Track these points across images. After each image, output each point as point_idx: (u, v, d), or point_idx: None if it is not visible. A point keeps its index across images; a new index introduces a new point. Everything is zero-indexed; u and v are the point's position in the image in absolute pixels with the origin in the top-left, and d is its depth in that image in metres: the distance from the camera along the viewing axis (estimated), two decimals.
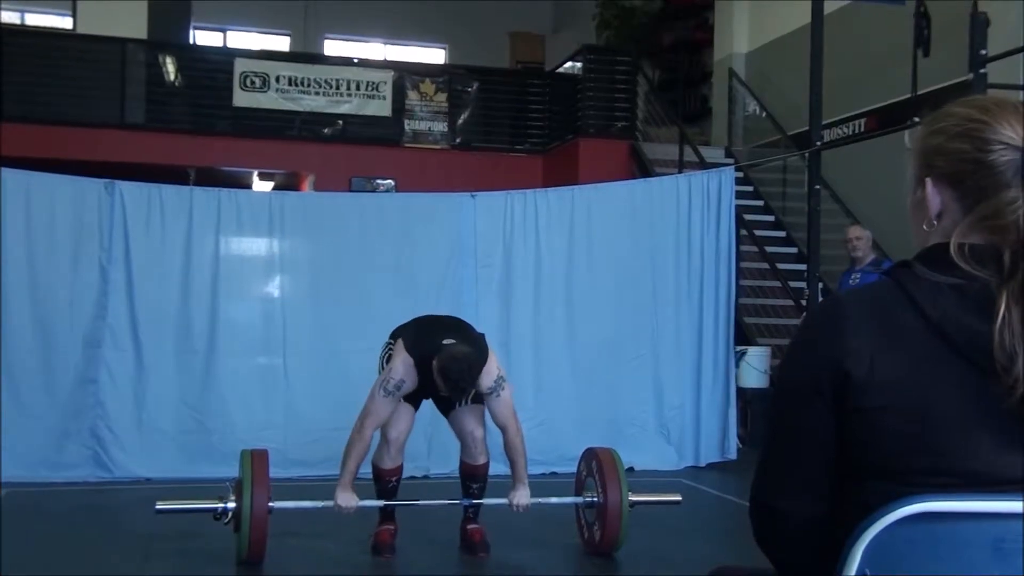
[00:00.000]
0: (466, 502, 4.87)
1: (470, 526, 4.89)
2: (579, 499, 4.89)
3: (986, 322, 1.15)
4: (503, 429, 4.65)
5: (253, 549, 4.32)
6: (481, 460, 4.84)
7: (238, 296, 7.16)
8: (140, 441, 6.69)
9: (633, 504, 4.67)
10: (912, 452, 1.17)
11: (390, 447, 4.73)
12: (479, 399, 4.72)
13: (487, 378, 4.54)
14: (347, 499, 4.52)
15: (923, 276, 1.21)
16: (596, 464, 4.76)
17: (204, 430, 6.80)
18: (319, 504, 4.63)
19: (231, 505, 4.33)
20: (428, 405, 4.98)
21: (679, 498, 5.01)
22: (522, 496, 4.66)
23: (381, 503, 4.76)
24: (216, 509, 4.35)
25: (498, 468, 5.00)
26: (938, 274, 1.21)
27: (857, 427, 1.20)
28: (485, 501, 4.83)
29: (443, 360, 4.35)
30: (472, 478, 4.87)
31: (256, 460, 4.43)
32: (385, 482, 4.82)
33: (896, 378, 1.18)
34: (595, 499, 4.71)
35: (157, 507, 4.44)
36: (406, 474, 6.63)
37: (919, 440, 1.17)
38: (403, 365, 4.51)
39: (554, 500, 4.99)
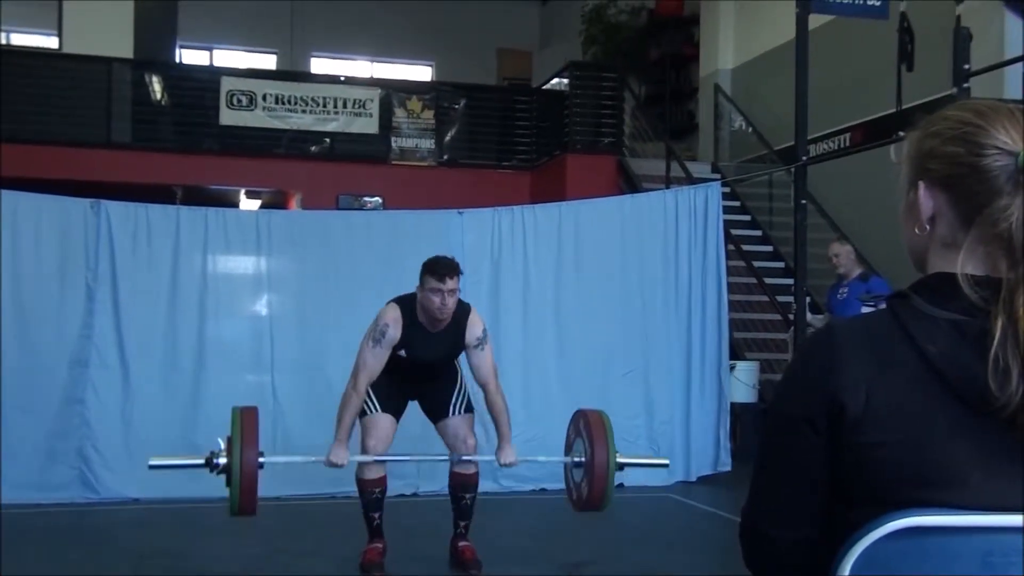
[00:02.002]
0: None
1: (461, 543, 4.87)
2: (567, 458, 4.89)
3: (983, 362, 1.15)
4: (484, 385, 4.75)
5: (244, 503, 4.38)
6: (472, 469, 4.85)
7: (225, 314, 7.14)
8: (127, 461, 6.63)
9: (621, 465, 4.65)
10: (906, 486, 1.16)
11: (368, 456, 4.71)
12: (469, 408, 4.76)
13: (475, 328, 4.75)
14: (339, 455, 4.59)
15: (920, 309, 1.21)
16: (584, 424, 4.75)
17: (192, 449, 6.75)
18: (311, 459, 4.75)
19: (222, 460, 4.33)
20: (416, 422, 4.97)
21: (667, 462, 5.21)
22: (508, 454, 4.74)
23: (371, 458, 4.73)
24: (208, 465, 4.37)
25: (487, 486, 4.99)
26: (936, 308, 1.20)
27: (851, 460, 1.20)
28: (474, 458, 4.85)
29: (425, 268, 4.68)
30: (464, 487, 4.86)
31: (246, 417, 4.45)
32: (369, 493, 4.79)
33: (891, 413, 1.18)
34: (582, 459, 4.70)
35: (150, 463, 4.53)
36: (395, 491, 6.63)
37: (913, 475, 1.16)
38: (389, 312, 4.70)
39: (542, 458, 5.05)
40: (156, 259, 6.90)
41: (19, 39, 13.31)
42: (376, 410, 4.74)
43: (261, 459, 4.36)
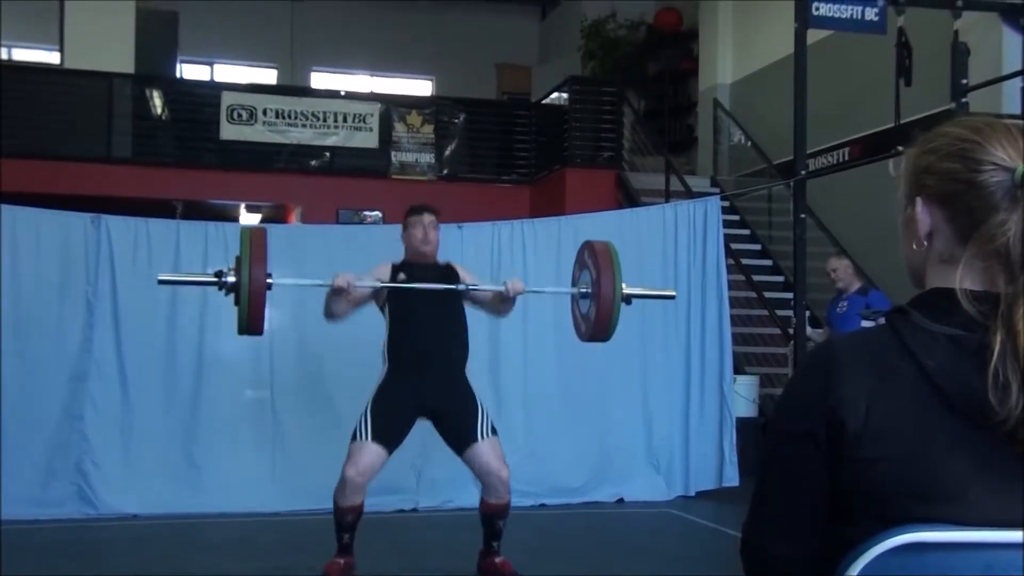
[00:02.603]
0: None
1: (497, 559, 4.81)
2: (573, 289, 4.91)
3: (982, 377, 1.15)
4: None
5: (252, 321, 4.41)
6: (507, 499, 4.76)
7: (225, 329, 7.11)
8: (127, 477, 6.63)
9: (627, 297, 4.65)
10: (907, 501, 1.16)
11: (346, 485, 4.59)
12: (495, 430, 4.72)
13: (464, 272, 4.93)
14: (342, 277, 4.75)
15: (919, 324, 1.21)
16: (590, 253, 4.73)
17: (192, 465, 6.76)
18: (319, 282, 4.91)
19: (231, 279, 4.34)
20: (415, 437, 4.95)
21: (674, 293, 5.28)
22: (515, 282, 4.83)
23: (376, 284, 4.86)
24: (216, 282, 4.40)
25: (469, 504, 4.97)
26: (935, 323, 1.21)
27: (851, 475, 1.20)
28: (480, 287, 4.94)
29: (405, 216, 4.90)
30: (498, 515, 4.80)
31: (255, 236, 4.46)
32: (342, 516, 4.70)
33: (891, 428, 1.18)
34: (588, 289, 4.70)
35: (160, 278, 4.71)
36: (394, 507, 6.63)
37: (913, 490, 1.16)
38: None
39: (549, 289, 5.08)
40: (156, 274, 6.86)
41: (21, 54, 13.32)
42: (367, 437, 4.58)
43: (269, 280, 4.39)
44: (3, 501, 6.14)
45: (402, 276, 4.76)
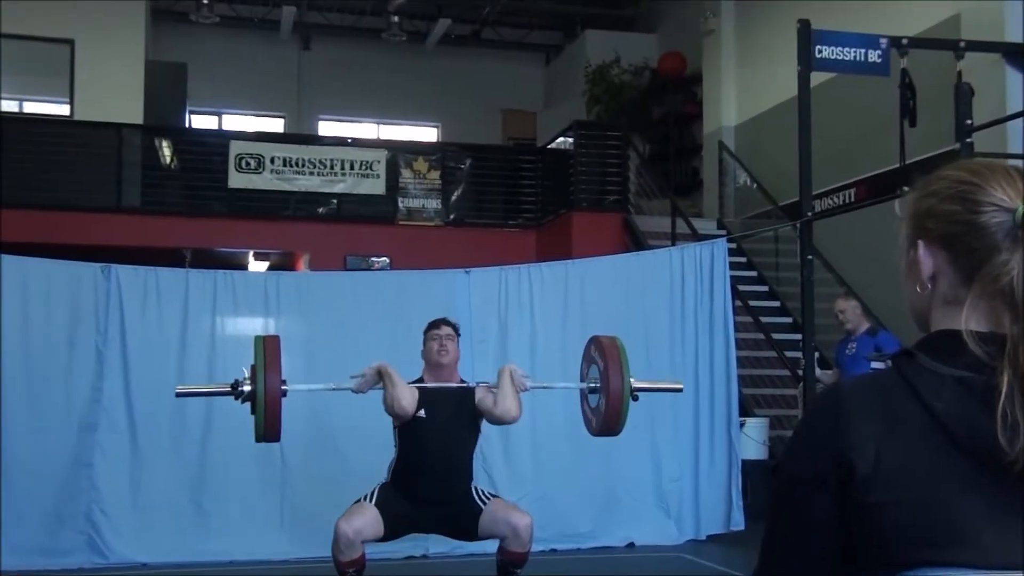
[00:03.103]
0: None
1: None
2: (582, 384, 4.98)
3: (990, 418, 1.15)
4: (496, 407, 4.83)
5: (269, 429, 4.42)
6: (528, 546, 4.78)
7: (234, 377, 7.11)
8: (136, 525, 6.61)
9: (635, 391, 4.73)
10: (916, 545, 1.16)
11: (339, 539, 4.59)
12: (493, 493, 4.81)
13: (481, 390, 4.91)
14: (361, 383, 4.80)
15: (926, 367, 1.22)
16: (598, 349, 4.82)
17: (201, 512, 6.73)
18: (331, 386, 5.00)
19: (247, 388, 4.38)
20: None
21: (681, 386, 5.42)
22: (518, 376, 4.92)
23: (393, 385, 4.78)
24: (233, 392, 4.43)
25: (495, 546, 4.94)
26: (942, 365, 1.21)
27: (861, 520, 1.19)
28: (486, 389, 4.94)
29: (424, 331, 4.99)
30: (517, 564, 4.81)
31: (268, 345, 4.51)
32: (344, 570, 4.68)
33: (901, 471, 1.18)
34: (598, 385, 4.76)
35: (177, 390, 4.77)
36: (404, 554, 6.58)
37: (923, 534, 1.16)
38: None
39: (560, 385, 5.35)
40: (166, 322, 6.92)
41: (32, 107, 13.47)
42: (369, 501, 4.70)
43: (284, 387, 4.42)
44: (12, 551, 6.12)
45: (421, 414, 4.76)
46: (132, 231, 11.06)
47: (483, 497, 4.84)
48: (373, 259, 11.88)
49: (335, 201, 12.28)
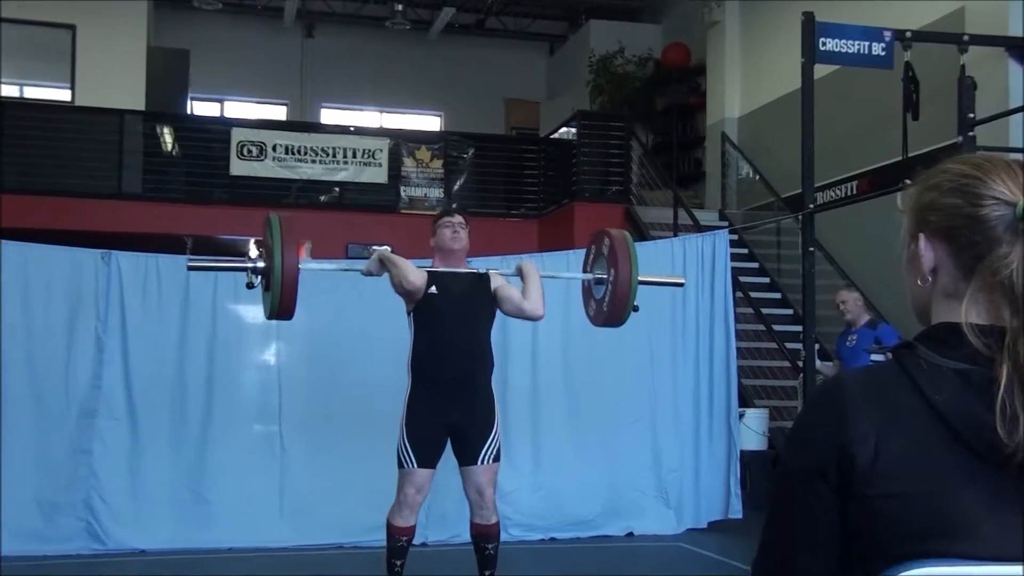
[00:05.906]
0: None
1: None
2: (588, 275, 5.06)
3: (990, 410, 1.15)
4: (521, 301, 4.85)
5: (284, 304, 4.36)
6: (493, 519, 4.80)
7: (234, 364, 7.13)
8: (135, 512, 6.62)
9: (641, 283, 4.80)
10: (918, 537, 1.16)
11: (404, 504, 4.70)
12: (497, 457, 4.77)
13: (496, 277, 4.96)
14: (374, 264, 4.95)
15: (926, 359, 1.22)
16: (608, 241, 4.90)
17: (200, 500, 6.75)
18: (345, 266, 5.07)
19: (261, 264, 4.34)
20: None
21: (683, 280, 5.58)
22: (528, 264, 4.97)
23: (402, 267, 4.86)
24: (247, 268, 4.40)
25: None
26: (942, 358, 1.21)
27: (861, 512, 1.20)
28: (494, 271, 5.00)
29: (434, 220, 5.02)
30: (485, 538, 4.83)
31: (285, 222, 4.44)
32: (396, 539, 4.75)
33: (901, 464, 1.18)
34: (605, 275, 4.84)
35: (188, 264, 4.74)
36: None
37: (924, 526, 1.16)
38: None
39: (565, 275, 5.39)
40: (166, 309, 6.91)
41: (32, 92, 13.45)
42: (413, 465, 4.68)
43: (299, 265, 4.40)
44: (11, 536, 6.13)
45: (433, 290, 4.76)
46: (133, 218, 11.05)
47: (490, 448, 4.77)
48: (375, 247, 11.84)
49: (337, 189, 12.27)
